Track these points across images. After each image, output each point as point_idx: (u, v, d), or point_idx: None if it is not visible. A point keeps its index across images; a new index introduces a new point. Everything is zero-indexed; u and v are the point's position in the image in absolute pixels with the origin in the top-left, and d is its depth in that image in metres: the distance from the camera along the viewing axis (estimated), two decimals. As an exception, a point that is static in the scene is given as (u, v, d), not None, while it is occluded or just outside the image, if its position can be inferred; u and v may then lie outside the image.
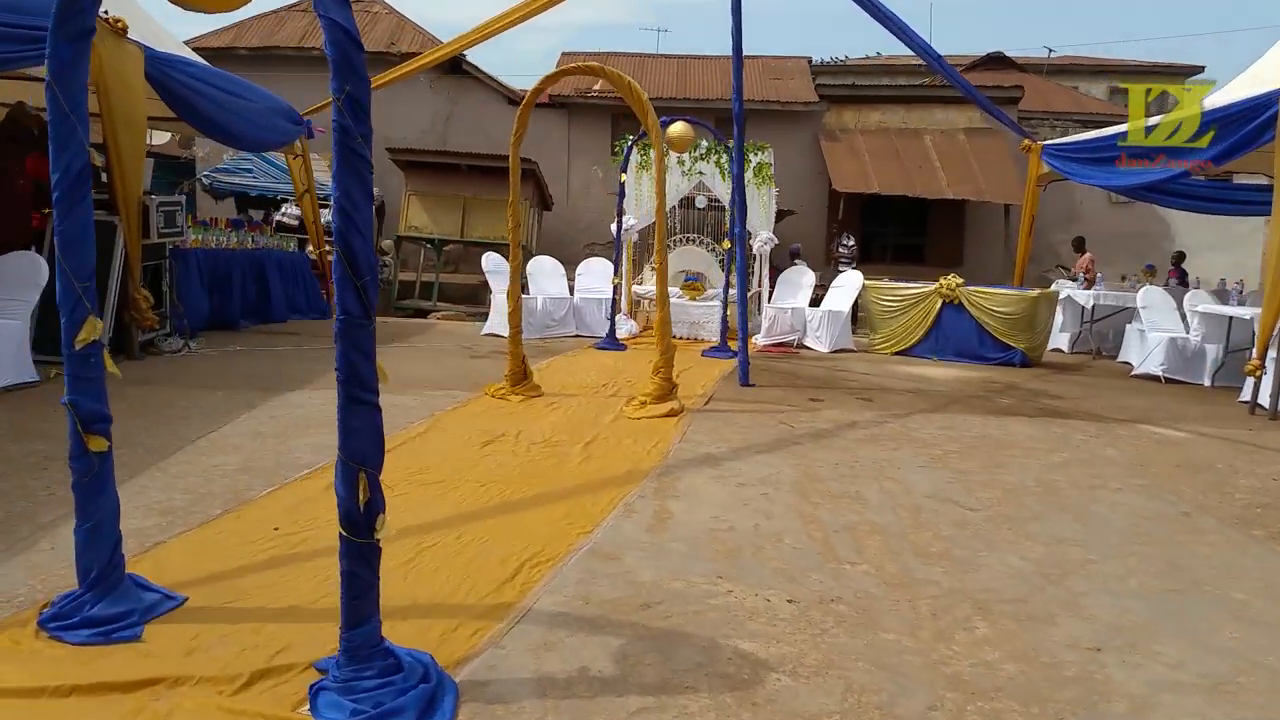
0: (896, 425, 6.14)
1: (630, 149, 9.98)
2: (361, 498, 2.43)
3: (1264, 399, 6.89)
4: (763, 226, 10.30)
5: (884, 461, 5.14)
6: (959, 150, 16.37)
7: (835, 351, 9.95)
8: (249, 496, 4.12)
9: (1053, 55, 26.22)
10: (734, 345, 9.48)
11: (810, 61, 19.08)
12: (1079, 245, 13.64)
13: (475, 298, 17.85)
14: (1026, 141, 11.46)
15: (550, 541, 3.69)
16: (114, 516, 2.93)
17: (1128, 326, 9.93)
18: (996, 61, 23.30)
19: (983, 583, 3.47)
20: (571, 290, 11.11)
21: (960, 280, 9.51)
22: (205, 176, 15.04)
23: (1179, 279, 13.06)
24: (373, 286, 2.47)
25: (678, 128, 8.78)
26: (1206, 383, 8.32)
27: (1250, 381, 7.01)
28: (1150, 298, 8.87)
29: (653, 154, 10.31)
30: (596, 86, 18.41)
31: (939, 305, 9.49)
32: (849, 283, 10.33)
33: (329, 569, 3.34)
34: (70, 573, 3.21)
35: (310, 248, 12.98)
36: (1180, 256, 14.03)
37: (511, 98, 18.86)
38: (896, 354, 9.82)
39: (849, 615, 3.11)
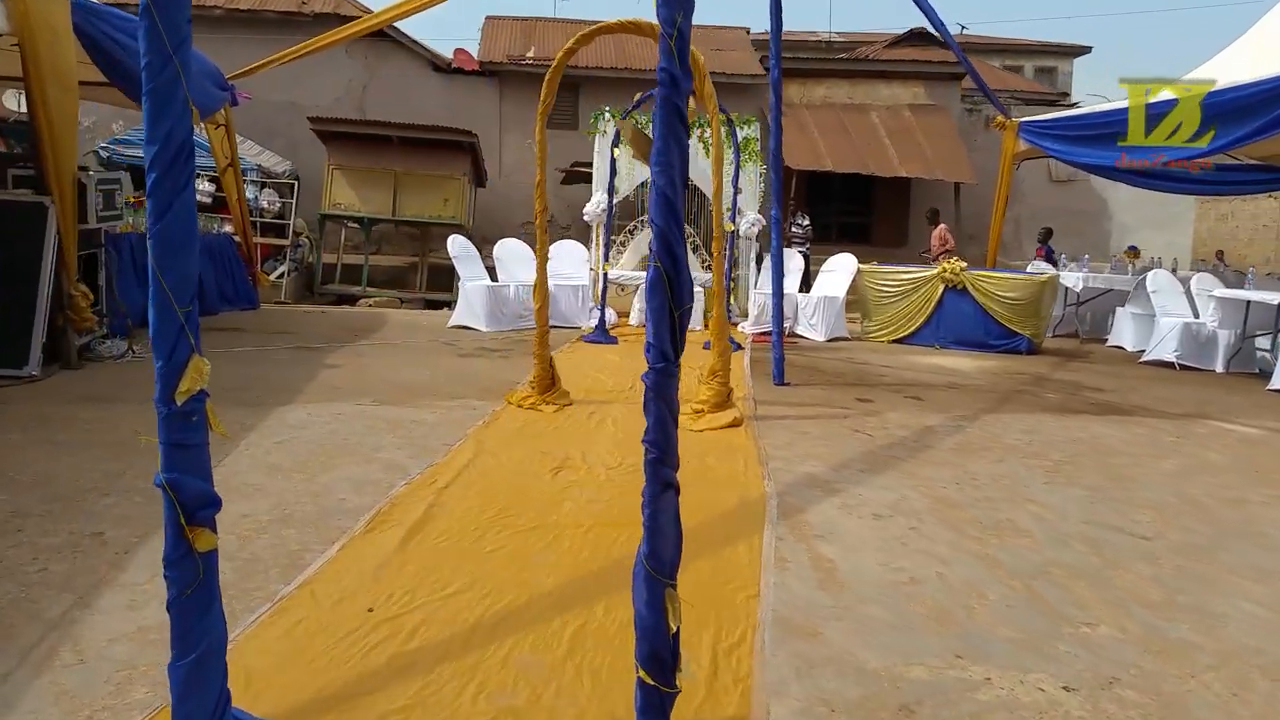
0: (975, 429, 5.64)
1: (624, 118, 9.17)
2: (672, 624, 1.67)
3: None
4: (749, 206, 9.68)
5: (1002, 478, 4.61)
6: (906, 126, 16.13)
7: (832, 340, 9.46)
8: (308, 561, 3.25)
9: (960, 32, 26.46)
10: (738, 337, 8.90)
11: (748, 32, 18.53)
12: (933, 218, 12.85)
13: (403, 281, 16.67)
14: (1000, 118, 11.19)
15: (721, 613, 2.98)
16: (222, 642, 2.07)
17: (1118, 310, 9.79)
18: (919, 38, 23.24)
19: (1241, 640, 2.96)
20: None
21: (964, 264, 9.14)
22: (102, 148, 13.35)
23: (1046, 257, 12.59)
24: (687, 317, 1.72)
25: (679, 99, 8.04)
26: (1219, 369, 8.19)
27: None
28: (1159, 281, 8.69)
29: (709, 132, 9.59)
30: (530, 54, 17.38)
31: (941, 290, 9.09)
32: (842, 266, 9.83)
33: (484, 673, 2.54)
34: (120, 702, 2.37)
35: (230, 228, 11.67)
36: (1047, 233, 13.25)
37: (437, 63, 17.60)
38: (894, 341, 9.39)
39: (1149, 705, 2.53)
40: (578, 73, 16.38)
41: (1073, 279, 10.27)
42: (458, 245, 9.57)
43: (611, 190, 9.06)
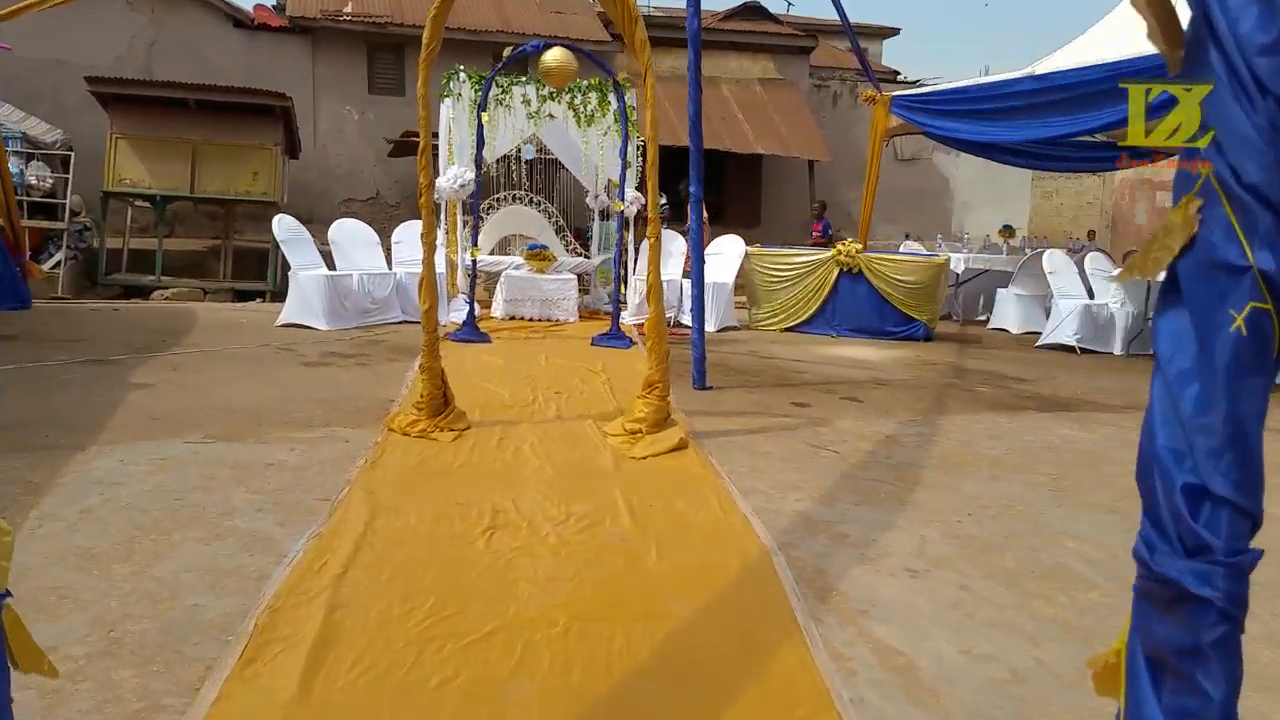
0: (939, 438, 4.98)
1: (490, 81, 7.92)
2: None
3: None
4: (629, 182, 8.74)
5: (1012, 502, 3.95)
6: (757, 101, 15.66)
7: (722, 330, 8.71)
8: (157, 734, 2.06)
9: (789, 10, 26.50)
10: (628, 331, 7.98)
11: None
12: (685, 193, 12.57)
13: (204, 268, 14.58)
14: (870, 92, 10.78)
15: (808, 764, 2.07)
16: None
17: (1000, 291, 9.61)
18: (753, 11, 22.90)
19: None
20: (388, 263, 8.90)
21: (859, 246, 8.61)
22: None
23: (823, 232, 12.41)
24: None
25: (558, 55, 6.97)
26: (1118, 351, 8.07)
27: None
28: (1056, 262, 8.48)
29: (579, 98, 8.50)
30: (347, 10, 15.58)
31: (835, 275, 8.53)
32: (729, 249, 9.09)
33: None
34: None
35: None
36: (822, 207, 12.89)
37: (238, 19, 15.47)
38: (786, 330, 8.76)
39: None
40: (404, 31, 14.86)
41: (954, 260, 10.03)
42: (285, 227, 8.09)
43: (480, 163, 7.85)
